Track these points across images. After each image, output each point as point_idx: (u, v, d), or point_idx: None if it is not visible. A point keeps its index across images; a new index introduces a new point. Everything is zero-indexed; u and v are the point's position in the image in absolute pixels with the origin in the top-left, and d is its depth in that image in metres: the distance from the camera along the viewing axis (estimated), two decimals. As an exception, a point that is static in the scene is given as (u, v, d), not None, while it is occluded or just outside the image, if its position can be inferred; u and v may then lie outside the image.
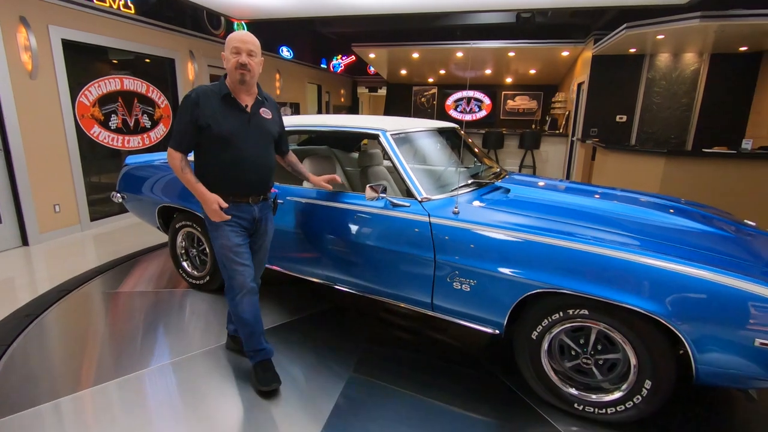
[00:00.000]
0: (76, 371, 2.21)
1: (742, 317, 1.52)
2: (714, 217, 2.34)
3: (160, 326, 2.68)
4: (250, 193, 2.02)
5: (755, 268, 1.67)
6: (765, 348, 1.50)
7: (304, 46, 9.65)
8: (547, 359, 1.94)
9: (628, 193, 2.69)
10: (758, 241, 2.05)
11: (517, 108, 11.49)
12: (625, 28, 5.61)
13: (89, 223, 4.81)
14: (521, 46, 8.17)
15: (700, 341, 1.59)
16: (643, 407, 1.76)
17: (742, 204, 4.74)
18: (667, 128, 7.16)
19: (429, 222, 2.07)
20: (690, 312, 1.59)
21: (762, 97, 6.59)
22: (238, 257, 1.99)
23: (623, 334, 1.74)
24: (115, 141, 5.07)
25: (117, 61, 5.13)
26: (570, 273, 1.75)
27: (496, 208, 2.15)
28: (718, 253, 1.77)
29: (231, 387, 2.09)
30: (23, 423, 1.82)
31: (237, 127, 1.93)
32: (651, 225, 2.06)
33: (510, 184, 2.57)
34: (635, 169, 5.48)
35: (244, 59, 1.87)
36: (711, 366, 1.61)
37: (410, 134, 2.59)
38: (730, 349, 1.57)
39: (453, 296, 2.05)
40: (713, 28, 5.24)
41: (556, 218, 2.02)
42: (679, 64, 6.90)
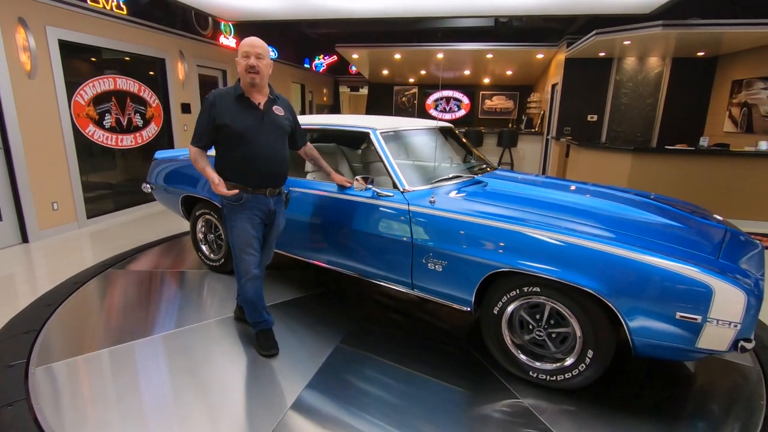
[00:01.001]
0: (110, 333, 2.61)
1: (665, 293, 1.71)
2: (673, 209, 2.50)
3: (181, 299, 3.08)
4: (266, 185, 2.21)
5: (688, 253, 1.82)
6: (685, 320, 1.69)
7: (287, 46, 9.79)
8: (508, 332, 2.16)
9: (598, 187, 2.90)
10: (708, 231, 2.21)
11: (495, 107, 11.93)
12: (595, 34, 6.04)
13: (86, 221, 4.88)
14: (498, 49, 8.56)
15: (631, 315, 1.78)
16: (587, 374, 1.97)
17: (699, 195, 5.23)
18: (634, 127, 7.68)
19: (408, 210, 2.33)
20: (622, 289, 1.77)
21: (717, 99, 7.17)
22: (249, 246, 2.21)
23: (569, 309, 1.95)
24: (109, 140, 5.15)
25: (110, 61, 5.21)
26: (523, 255, 1.97)
27: (469, 198, 2.39)
28: (660, 240, 1.93)
29: (238, 349, 2.44)
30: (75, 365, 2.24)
31: (251, 123, 2.12)
32: (606, 215, 2.24)
33: (489, 179, 2.85)
34: (605, 165, 5.92)
35: (252, 61, 2.07)
36: (643, 338, 1.79)
37: (401, 132, 2.86)
38: (656, 322, 1.75)
39: (428, 276, 2.29)
40: (674, 36, 5.73)
41: (519, 207, 2.24)
42: (644, 67, 7.42)
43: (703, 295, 1.65)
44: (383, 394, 2.07)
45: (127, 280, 3.39)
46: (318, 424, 1.85)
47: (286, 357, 2.35)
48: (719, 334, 1.66)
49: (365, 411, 1.93)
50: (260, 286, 2.31)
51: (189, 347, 2.43)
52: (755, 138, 5.83)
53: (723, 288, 1.62)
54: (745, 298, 1.61)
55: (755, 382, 2.17)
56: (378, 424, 1.85)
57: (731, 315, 1.63)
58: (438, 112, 12.24)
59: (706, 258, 1.80)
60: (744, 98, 6.39)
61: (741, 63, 6.60)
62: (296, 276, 3.47)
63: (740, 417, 1.94)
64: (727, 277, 1.65)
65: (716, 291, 1.63)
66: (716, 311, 1.63)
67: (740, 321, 1.62)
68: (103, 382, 2.12)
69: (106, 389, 2.06)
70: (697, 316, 1.66)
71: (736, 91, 6.60)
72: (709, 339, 1.67)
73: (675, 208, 2.53)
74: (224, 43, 7.26)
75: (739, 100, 6.52)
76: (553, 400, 2.03)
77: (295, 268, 3.59)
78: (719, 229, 2.25)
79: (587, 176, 6.13)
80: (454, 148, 3.24)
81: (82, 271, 3.52)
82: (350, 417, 1.89)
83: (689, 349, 1.73)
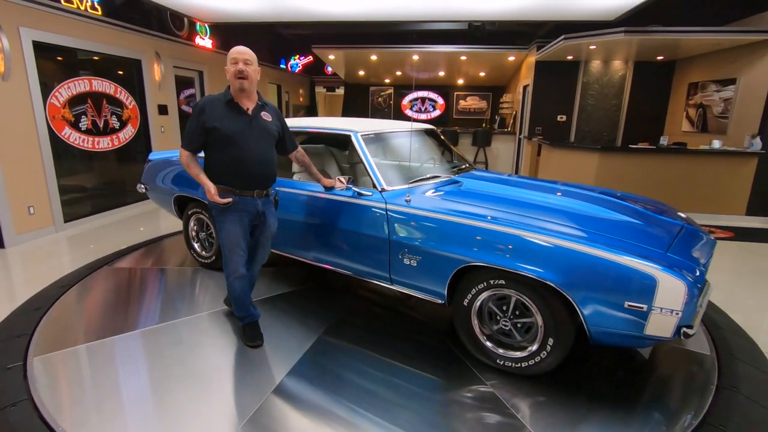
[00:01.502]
0: (106, 325, 2.74)
1: (615, 284, 1.85)
2: (634, 207, 2.61)
3: (175, 294, 3.23)
4: (253, 187, 2.29)
5: (638, 248, 1.95)
6: (633, 308, 1.82)
7: (263, 46, 9.78)
8: (477, 323, 2.30)
9: (568, 186, 3.01)
10: (664, 227, 2.34)
11: (469, 108, 12.23)
12: (563, 38, 6.35)
13: (63, 225, 4.81)
14: (472, 51, 8.82)
15: (586, 305, 1.91)
16: (549, 360, 2.10)
17: (660, 190, 5.60)
18: (600, 127, 8.08)
19: (386, 208, 2.47)
20: (577, 281, 1.91)
21: (675, 100, 7.64)
22: (237, 247, 2.31)
23: (532, 300, 2.08)
24: (85, 142, 5.08)
25: (86, 62, 5.13)
26: (488, 250, 2.11)
27: (443, 197, 2.53)
28: (616, 236, 2.06)
29: (227, 339, 2.58)
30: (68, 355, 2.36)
31: (240, 127, 2.21)
32: (570, 212, 2.37)
33: (465, 179, 2.97)
34: (575, 163, 6.24)
35: (241, 67, 2.17)
36: (598, 326, 1.93)
37: (382, 135, 3.00)
38: (608, 311, 1.88)
39: (405, 270, 2.43)
40: (635, 41, 6.09)
41: (488, 206, 2.38)
42: (609, 70, 7.82)
43: (648, 286, 1.78)
44: (361, 380, 2.20)
45: (118, 278, 3.46)
46: (297, 407, 1.99)
47: (272, 346, 2.49)
48: (663, 321, 1.79)
49: (343, 396, 2.06)
50: (247, 284, 2.42)
51: (181, 338, 2.57)
52: (710, 137, 6.28)
53: (666, 279, 1.76)
54: (686, 288, 1.75)
55: (709, 369, 2.34)
56: (353, 408, 1.98)
57: (673, 304, 1.76)
58: (414, 113, 12.44)
59: (654, 252, 1.94)
60: (699, 100, 6.85)
61: (696, 67, 7.07)
62: (286, 272, 3.60)
63: (692, 400, 2.10)
64: (670, 269, 1.78)
65: (660, 282, 1.76)
66: (660, 300, 1.77)
67: (681, 309, 1.76)
68: (98, 373, 2.23)
69: (101, 380, 2.16)
70: (643, 305, 1.80)
71: (692, 93, 7.06)
72: (655, 326, 1.81)
73: (636, 205, 2.66)
74: (200, 44, 7.22)
75: (695, 102, 6.98)
76: (517, 386, 2.16)
77: (287, 265, 3.70)
78: (675, 225, 2.39)
79: (558, 174, 6.44)
80: (435, 149, 3.40)
81: (72, 272, 3.54)
82: (328, 401, 2.03)
83: (639, 336, 1.86)
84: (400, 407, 2.00)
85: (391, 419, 1.92)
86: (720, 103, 6.35)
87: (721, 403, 2.04)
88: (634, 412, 2.01)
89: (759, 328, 2.85)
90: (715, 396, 2.09)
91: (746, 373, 2.29)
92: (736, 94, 5.99)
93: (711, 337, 2.65)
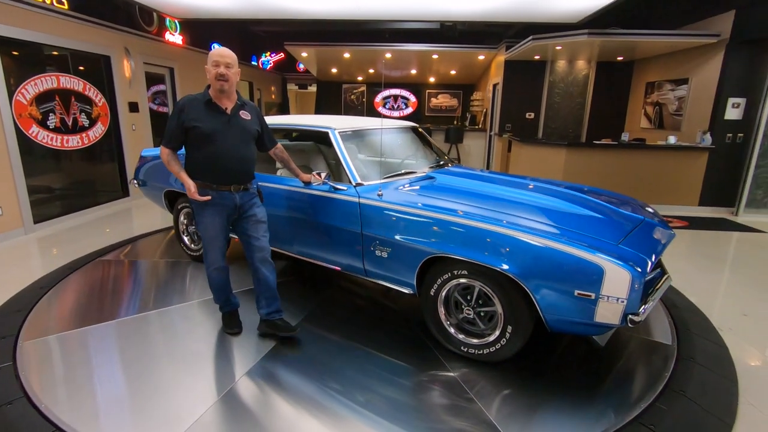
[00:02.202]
0: (102, 311, 2.92)
1: (566, 274, 1.93)
2: (596, 201, 2.69)
3: (167, 284, 3.38)
4: (230, 182, 2.35)
5: (591, 239, 2.04)
6: (582, 297, 1.91)
7: (233, 42, 9.64)
8: (444, 312, 2.39)
9: (537, 182, 3.10)
10: (623, 220, 2.43)
11: (441, 105, 12.48)
12: (531, 39, 6.63)
13: (33, 226, 4.65)
14: (444, 50, 9.03)
15: (540, 293, 2.00)
16: (508, 347, 2.20)
17: (621, 182, 5.97)
18: (566, 124, 8.46)
19: (358, 202, 2.56)
20: (531, 271, 2.00)
21: (634, 99, 8.10)
22: (215, 240, 2.40)
23: (492, 289, 2.17)
24: (54, 141, 4.92)
25: (53, 58, 4.97)
26: (451, 241, 2.21)
27: (414, 192, 2.62)
28: (574, 228, 2.16)
29: (211, 326, 2.73)
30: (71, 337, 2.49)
31: (218, 126, 2.28)
32: (533, 206, 2.46)
33: (440, 174, 3.06)
34: (544, 159, 6.53)
35: (222, 70, 2.23)
36: (552, 314, 2.02)
37: (362, 131, 3.09)
38: (560, 299, 1.97)
39: (377, 262, 2.53)
40: (597, 43, 6.43)
41: (455, 199, 2.46)
42: (573, 69, 8.19)
43: (595, 275, 1.88)
44: (332, 364, 2.32)
45: (102, 274, 3.52)
46: (270, 386, 2.14)
47: (251, 332, 2.63)
48: (611, 309, 1.89)
49: (315, 378, 2.18)
50: (225, 276, 2.52)
51: (170, 324, 2.76)
52: (666, 133, 6.71)
53: (612, 269, 1.86)
54: (630, 277, 1.84)
55: (668, 358, 2.44)
56: (322, 388, 2.11)
57: (618, 292, 1.86)
58: (387, 110, 12.57)
59: (605, 243, 2.03)
60: (656, 98, 7.30)
61: (653, 67, 7.52)
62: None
63: (656, 369, 2.30)
64: (616, 260, 1.88)
65: (606, 271, 1.86)
66: (607, 289, 1.87)
67: (626, 297, 1.86)
68: (87, 362, 2.34)
69: (92, 368, 2.29)
70: (591, 293, 1.89)
71: (650, 92, 7.51)
72: (603, 313, 1.91)
73: (600, 200, 2.74)
74: (170, 40, 7.07)
75: (652, 100, 7.43)
76: (480, 373, 2.26)
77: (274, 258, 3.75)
78: (634, 219, 2.49)
79: (528, 169, 6.72)
80: (417, 146, 3.53)
81: (51, 272, 3.50)
82: (300, 381, 2.16)
83: (590, 323, 1.96)
84: (368, 391, 2.11)
85: (357, 401, 2.03)
86: (674, 101, 6.79)
87: (681, 370, 2.28)
88: (602, 382, 2.22)
89: (711, 307, 3.14)
90: (676, 364, 2.32)
91: (701, 346, 2.54)
92: (688, 93, 6.44)
93: (670, 315, 2.91)
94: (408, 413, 1.96)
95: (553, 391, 2.15)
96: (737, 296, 3.39)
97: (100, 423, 1.86)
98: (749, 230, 5.32)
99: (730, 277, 3.81)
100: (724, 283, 3.69)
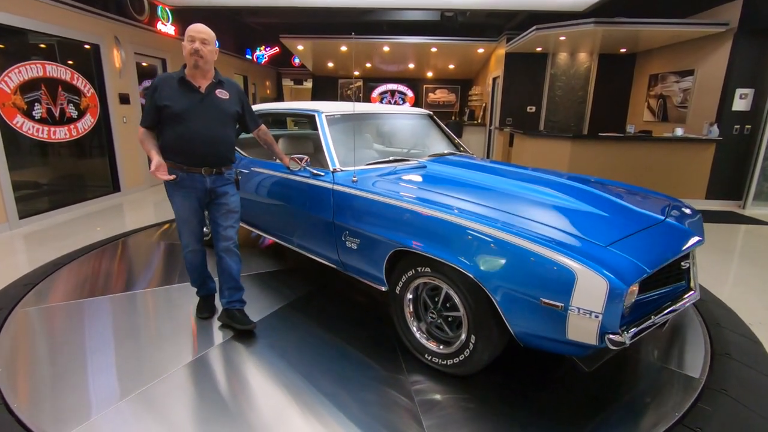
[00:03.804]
0: (81, 292, 2.98)
1: (529, 276, 1.59)
2: (604, 196, 2.25)
3: (150, 267, 3.48)
4: (201, 164, 2.25)
5: (567, 237, 1.68)
6: (548, 306, 1.55)
7: (228, 35, 9.40)
8: (410, 313, 2.15)
9: (539, 172, 2.74)
10: (628, 218, 2.00)
11: (438, 100, 12.32)
12: (535, 29, 6.47)
13: (17, 221, 4.41)
14: (442, 43, 8.86)
15: (501, 297, 1.67)
16: (473, 361, 1.88)
17: (627, 175, 5.84)
18: (567, 117, 8.33)
19: (332, 189, 2.39)
20: (491, 269, 1.68)
21: (637, 91, 7.99)
22: (187, 222, 2.35)
23: (456, 292, 1.87)
24: (40, 132, 4.68)
25: (38, 45, 4.72)
26: (412, 233, 1.95)
27: (394, 180, 2.37)
28: (556, 223, 1.80)
29: (187, 308, 2.73)
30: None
31: (190, 105, 2.20)
32: (520, 197, 2.14)
33: (435, 163, 2.76)
34: (548, 151, 6.39)
35: (197, 45, 2.15)
36: (519, 326, 1.68)
37: (354, 116, 2.94)
38: (525, 308, 1.62)
39: (348, 254, 2.33)
40: (601, 33, 6.30)
41: (434, 188, 2.18)
42: (575, 62, 8.06)
43: (565, 281, 1.51)
44: (302, 349, 2.27)
45: (89, 271, 3.29)
46: (239, 358, 2.19)
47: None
48: (583, 324, 1.51)
49: (283, 358, 2.18)
50: (200, 258, 2.48)
51: (153, 303, 2.85)
52: (671, 126, 6.60)
53: (586, 274, 1.49)
54: (607, 286, 1.46)
55: (700, 355, 2.21)
56: (282, 368, 2.09)
57: (592, 304, 1.48)
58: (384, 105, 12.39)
59: (589, 243, 1.65)
60: (660, 91, 7.19)
61: (656, 59, 7.41)
62: (253, 255, 3.72)
63: (682, 386, 2.00)
64: (592, 263, 1.50)
65: (578, 277, 1.49)
66: (578, 299, 1.50)
67: (601, 311, 1.47)
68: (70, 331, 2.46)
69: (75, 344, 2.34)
70: (558, 303, 1.53)
71: (653, 85, 7.40)
72: (576, 330, 1.54)
73: (611, 193, 2.31)
74: (162, 30, 6.82)
75: (655, 93, 7.32)
76: (434, 386, 1.99)
77: (248, 246, 3.82)
78: (647, 218, 2.01)
79: (531, 163, 6.57)
80: (425, 134, 3.36)
81: (36, 269, 3.24)
82: (268, 358, 2.19)
83: (562, 341, 1.60)
84: (327, 380, 2.01)
85: (316, 384, 1.97)
86: (679, 93, 6.68)
87: (717, 368, 2.12)
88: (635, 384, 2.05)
89: (736, 301, 3.00)
90: (711, 361, 2.17)
91: (734, 341, 2.40)
92: (694, 84, 6.33)
93: (697, 309, 2.77)
94: (347, 412, 1.81)
95: (517, 421, 1.77)
96: (760, 290, 3.26)
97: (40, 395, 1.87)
98: (758, 223, 5.22)
99: (749, 271, 3.68)
100: (743, 277, 3.56)
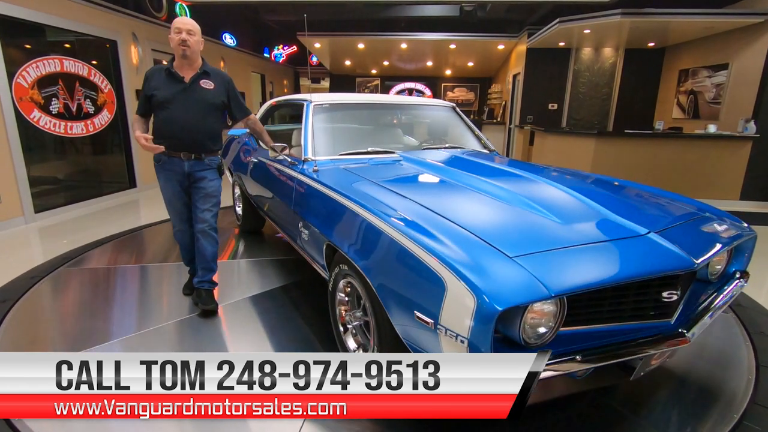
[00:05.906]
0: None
1: (405, 281, 1.39)
2: (603, 196, 1.96)
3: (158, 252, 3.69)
4: (180, 148, 2.38)
5: (476, 241, 1.37)
6: (421, 322, 1.30)
7: (245, 34, 9.41)
8: (342, 311, 2.01)
9: (525, 170, 2.26)
10: (607, 227, 1.57)
11: (457, 99, 12.11)
12: (559, 22, 6.24)
13: (33, 215, 4.43)
14: (462, 39, 8.68)
15: (386, 301, 1.47)
16: None
17: (655, 174, 5.55)
18: (591, 114, 8.04)
19: (296, 177, 2.40)
20: (375, 265, 1.52)
21: (666, 87, 7.64)
22: (170, 204, 2.53)
23: (363, 289, 1.71)
24: (57, 127, 4.70)
25: (56, 41, 4.75)
26: (332, 227, 1.89)
27: (349, 171, 2.26)
28: (489, 225, 1.56)
29: (178, 286, 2.87)
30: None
31: (173, 94, 2.34)
32: (468, 197, 1.86)
33: (411, 156, 2.51)
34: (571, 149, 6.14)
35: (184, 36, 2.30)
36: (407, 338, 1.44)
37: (344, 105, 2.93)
38: (403, 318, 1.41)
39: (304, 243, 2.32)
40: (627, 26, 6.02)
41: (384, 184, 1.99)
42: (599, 57, 7.77)
43: (435, 291, 1.25)
44: (264, 332, 2.35)
45: (109, 257, 3.34)
46: (190, 335, 2.32)
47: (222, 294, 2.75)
48: (454, 349, 1.22)
49: (241, 340, 2.30)
50: (187, 238, 2.61)
51: (151, 278, 3.13)
52: (702, 123, 6.26)
53: (455, 285, 1.20)
54: (475, 303, 1.14)
55: (744, 360, 2.05)
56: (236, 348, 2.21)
57: (458, 325, 1.19)
58: (401, 104, 12.26)
59: (489, 250, 1.31)
60: (690, 86, 6.84)
61: (686, 53, 7.06)
62: (267, 241, 3.88)
63: (735, 382, 1.89)
64: (465, 273, 1.20)
65: (448, 288, 1.21)
66: (446, 316, 1.22)
67: (467, 336, 1.16)
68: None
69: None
70: (429, 320, 1.27)
71: (683, 80, 7.05)
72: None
73: (589, 195, 1.83)
74: (180, 27, 6.84)
75: (685, 89, 6.98)
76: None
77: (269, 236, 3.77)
78: (616, 228, 1.55)
79: (552, 162, 6.33)
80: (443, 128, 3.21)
81: (44, 263, 3.21)
82: (221, 340, 2.33)
83: None
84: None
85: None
86: (712, 88, 6.34)
87: (764, 381, 1.91)
88: (684, 391, 1.86)
89: (779, 307, 2.76)
90: (757, 375, 1.96)
91: (781, 351, 2.17)
92: (728, 79, 5.98)
93: (737, 315, 2.54)
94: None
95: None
96: (805, 296, 2.99)
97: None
98: (800, 225, 4.87)
99: (791, 275, 3.40)
100: (785, 282, 3.28)
